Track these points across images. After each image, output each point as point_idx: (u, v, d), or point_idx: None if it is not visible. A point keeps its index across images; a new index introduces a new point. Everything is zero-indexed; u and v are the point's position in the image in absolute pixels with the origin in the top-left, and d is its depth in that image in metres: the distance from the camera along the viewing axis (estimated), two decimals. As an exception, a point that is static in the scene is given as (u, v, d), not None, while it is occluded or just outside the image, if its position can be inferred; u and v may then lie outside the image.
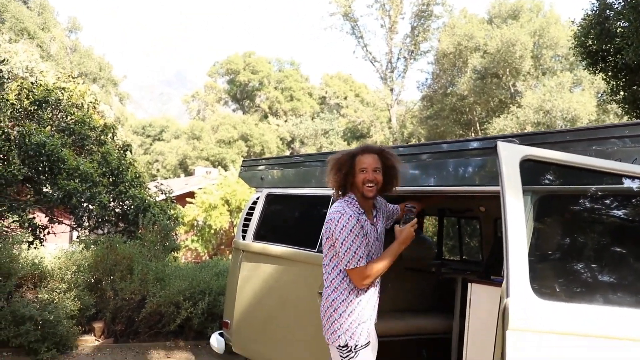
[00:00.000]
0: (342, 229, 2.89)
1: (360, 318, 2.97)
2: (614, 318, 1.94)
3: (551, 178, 2.34)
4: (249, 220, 5.41)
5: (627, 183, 2.18)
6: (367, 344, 2.99)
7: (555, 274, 2.16)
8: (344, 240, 2.88)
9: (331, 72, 51.00)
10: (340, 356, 2.96)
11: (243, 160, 6.20)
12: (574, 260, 2.24)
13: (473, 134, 30.53)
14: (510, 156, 1.91)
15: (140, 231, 8.36)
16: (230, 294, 5.31)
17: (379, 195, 3.23)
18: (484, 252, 5.55)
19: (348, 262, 2.89)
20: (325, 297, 3.07)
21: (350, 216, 2.91)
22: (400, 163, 3.25)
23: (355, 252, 2.88)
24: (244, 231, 5.41)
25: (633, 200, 2.30)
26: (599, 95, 27.42)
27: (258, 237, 5.16)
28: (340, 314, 2.96)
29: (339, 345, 2.95)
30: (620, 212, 2.34)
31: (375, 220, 3.15)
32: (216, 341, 5.38)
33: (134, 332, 6.60)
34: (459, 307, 4.27)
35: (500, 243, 5.10)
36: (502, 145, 1.93)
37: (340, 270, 2.98)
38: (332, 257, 3.02)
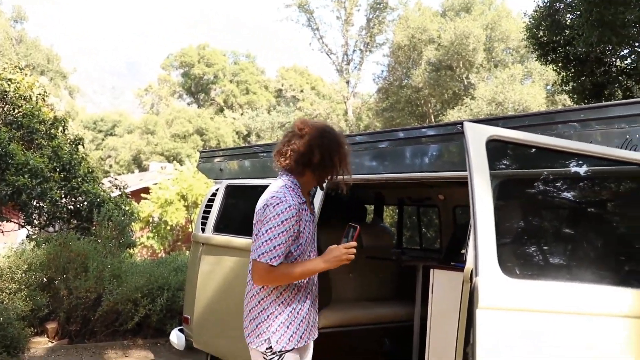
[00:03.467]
0: (274, 216, 2.42)
1: (292, 318, 2.56)
2: (579, 294, 1.99)
3: (512, 161, 2.37)
4: (208, 212, 5.32)
5: (591, 164, 2.23)
6: (295, 348, 2.57)
7: (521, 255, 2.19)
8: (270, 229, 2.41)
9: (287, 64, 50.73)
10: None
11: (201, 152, 6.09)
12: (539, 240, 2.28)
13: (428, 126, 30.94)
14: (477, 136, 1.91)
15: (94, 227, 8.11)
16: (190, 289, 5.22)
17: None
18: (443, 239, 5.62)
19: (262, 253, 2.40)
20: (250, 294, 2.60)
21: (290, 207, 2.45)
22: None
23: (274, 247, 2.41)
24: (204, 224, 5.31)
25: (595, 180, 2.35)
26: (548, 87, 28.30)
27: (218, 229, 5.08)
28: (269, 314, 2.53)
29: (264, 350, 2.52)
30: (582, 193, 2.39)
31: (312, 206, 2.81)
32: (176, 337, 5.28)
33: (89, 331, 6.41)
34: (420, 294, 4.30)
35: (459, 230, 5.19)
36: (468, 125, 1.94)
37: None
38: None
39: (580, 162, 2.34)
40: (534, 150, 2.22)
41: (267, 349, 2.51)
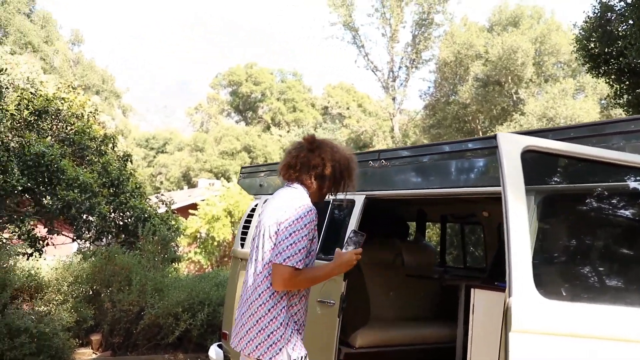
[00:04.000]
0: (296, 220, 2.44)
1: (298, 323, 2.56)
2: (624, 319, 1.82)
3: (555, 176, 2.23)
4: (248, 227, 5.31)
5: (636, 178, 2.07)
6: (306, 355, 2.55)
7: (561, 274, 2.05)
8: (293, 232, 2.42)
9: (333, 82, 51.00)
10: None
11: (242, 168, 6.12)
12: (581, 260, 2.12)
13: (476, 142, 30.34)
14: (511, 147, 1.80)
15: (140, 242, 8.27)
16: (229, 304, 5.20)
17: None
18: (488, 258, 5.43)
19: (287, 257, 2.39)
20: (257, 303, 2.50)
21: (311, 211, 2.49)
22: None
23: (299, 251, 2.41)
24: (243, 239, 5.31)
25: None
26: (602, 101, 27.36)
27: (256, 245, 5.05)
28: (281, 322, 2.46)
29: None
30: (628, 210, 2.22)
31: None
32: (215, 353, 5.26)
33: (132, 344, 6.49)
34: (462, 314, 4.14)
35: (504, 248, 5.00)
36: (501, 136, 1.83)
37: None
38: (265, 259, 2.52)
39: (629, 175, 2.18)
40: (576, 162, 2.07)
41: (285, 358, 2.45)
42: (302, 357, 2.50)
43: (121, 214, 9.26)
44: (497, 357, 2.83)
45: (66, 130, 9.62)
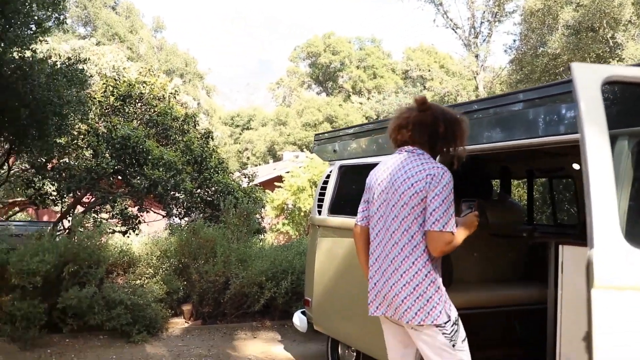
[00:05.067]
0: (445, 185, 2.48)
1: (444, 286, 2.60)
2: None
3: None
4: (324, 195, 5.24)
5: None
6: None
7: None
8: (447, 198, 2.46)
9: (413, 45, 49.66)
10: (445, 336, 2.48)
11: (315, 135, 6.03)
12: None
13: (569, 95, 28.55)
14: (589, 78, 1.54)
15: (223, 215, 8.48)
16: (310, 272, 5.19)
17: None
18: (581, 213, 5.03)
19: (445, 224, 2.43)
20: (413, 270, 2.52)
21: (450, 176, 2.54)
22: None
23: (452, 216, 2.47)
24: (319, 206, 5.25)
25: None
26: None
27: (333, 211, 4.98)
28: (438, 286, 2.52)
29: (442, 323, 2.48)
30: None
31: None
32: (299, 320, 5.30)
33: (221, 313, 6.68)
34: (553, 274, 3.85)
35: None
36: (577, 66, 1.57)
37: (423, 234, 2.51)
38: (417, 217, 2.51)
39: None
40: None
41: (446, 322, 2.49)
42: (457, 316, 2.57)
43: (206, 189, 9.54)
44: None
45: (150, 112, 9.97)
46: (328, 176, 5.36)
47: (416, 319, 2.48)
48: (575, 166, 4.99)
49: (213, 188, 9.45)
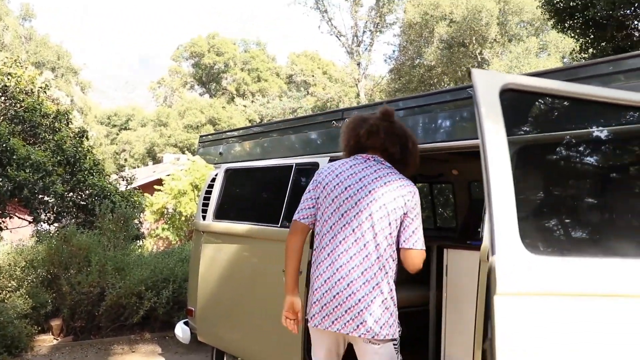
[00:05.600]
0: (419, 205, 2.56)
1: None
2: (617, 272, 1.61)
3: (535, 120, 2.00)
4: (209, 199, 5.04)
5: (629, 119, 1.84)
6: None
7: (546, 227, 1.84)
8: (419, 215, 2.53)
9: (297, 50, 50.19)
10: (395, 349, 2.53)
11: (200, 137, 5.81)
12: (567, 212, 1.91)
13: (443, 105, 30.39)
14: (488, 85, 1.56)
15: (99, 221, 7.92)
16: (193, 280, 4.97)
17: None
18: (458, 217, 5.28)
19: (421, 241, 2.51)
20: (383, 283, 2.49)
21: None
22: None
23: (422, 232, 2.55)
24: (204, 211, 5.04)
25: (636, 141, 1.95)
26: (565, 59, 27.51)
27: (218, 216, 4.80)
28: (395, 301, 2.53)
29: (394, 339, 2.51)
30: (622, 152, 2.00)
31: None
32: (181, 331, 5.04)
33: (95, 327, 6.21)
34: (435, 276, 3.98)
35: (475, 207, 4.84)
36: (477, 73, 1.58)
37: (392, 248, 2.53)
38: (393, 231, 2.50)
39: (622, 116, 1.93)
40: (559, 104, 1.83)
41: (395, 338, 2.53)
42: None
43: (80, 192, 8.87)
44: (473, 318, 2.66)
45: (15, 108, 9.09)
46: (213, 180, 5.16)
47: (382, 332, 2.45)
48: (454, 172, 5.22)
49: (87, 191, 8.81)
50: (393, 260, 2.53)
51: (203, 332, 4.69)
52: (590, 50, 10.18)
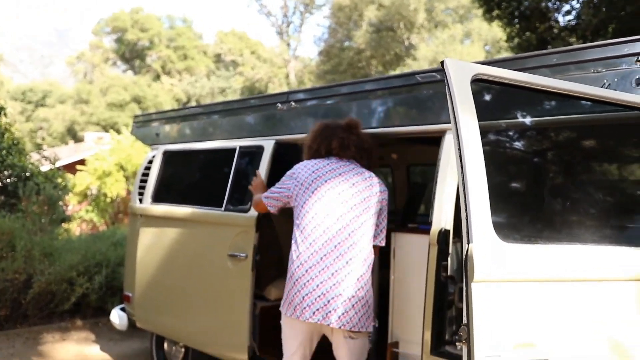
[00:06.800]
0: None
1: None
2: (587, 257, 1.72)
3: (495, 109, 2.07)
4: (145, 182, 4.89)
5: (595, 109, 1.95)
6: None
7: (515, 215, 1.93)
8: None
9: (226, 29, 49.20)
10: (370, 341, 2.77)
11: (135, 117, 5.61)
12: (534, 200, 2.01)
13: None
14: (460, 74, 1.60)
15: (22, 203, 7.49)
16: (130, 264, 4.83)
17: None
18: (397, 201, 5.40)
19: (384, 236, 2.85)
20: (367, 275, 2.67)
21: None
22: None
23: None
24: (141, 194, 4.89)
25: (602, 128, 2.08)
26: (487, 46, 28.59)
27: (157, 199, 4.67)
28: (372, 294, 2.71)
29: (373, 328, 2.76)
30: (584, 142, 2.13)
31: None
32: (117, 317, 4.90)
33: (21, 316, 5.89)
34: (377, 259, 4.07)
35: (414, 190, 4.97)
36: (450, 63, 1.62)
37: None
38: (373, 225, 2.77)
39: (584, 107, 2.05)
40: (522, 93, 1.91)
41: (374, 328, 2.79)
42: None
43: (-2, 173, 8.36)
44: (422, 300, 2.75)
45: None
46: (150, 161, 5.02)
47: (357, 326, 2.57)
48: (393, 156, 5.34)
49: (6, 172, 8.30)
50: (372, 253, 2.72)
51: (142, 318, 4.58)
52: (516, 39, 10.63)
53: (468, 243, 1.51)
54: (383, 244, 2.83)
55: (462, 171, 1.52)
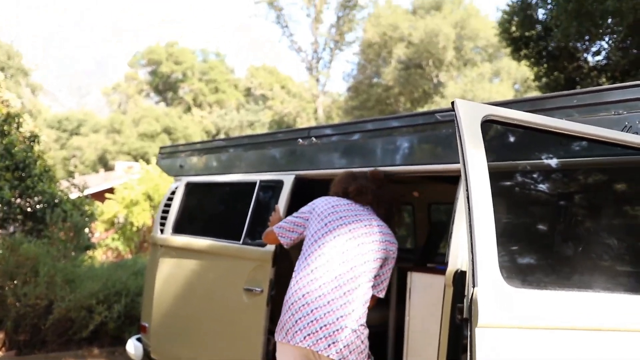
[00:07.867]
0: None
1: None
2: (596, 306, 1.66)
3: (507, 151, 2.05)
4: (167, 212, 4.94)
5: (611, 153, 1.90)
6: None
7: (524, 259, 1.88)
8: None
9: (257, 63, 50.13)
10: None
11: (161, 148, 5.71)
12: (542, 244, 1.97)
13: (399, 124, 30.87)
14: (471, 115, 1.59)
15: (49, 230, 7.63)
16: (148, 294, 4.84)
17: None
18: (418, 239, 5.34)
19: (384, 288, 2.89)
20: (361, 317, 2.69)
21: None
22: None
23: None
24: (162, 224, 4.94)
25: (618, 173, 2.03)
26: (516, 85, 28.50)
27: (177, 230, 4.71)
28: (367, 330, 2.73)
29: None
30: (599, 187, 2.08)
31: None
32: (133, 347, 4.89)
33: (40, 341, 5.94)
34: (395, 297, 4.01)
35: (434, 229, 4.91)
36: (460, 103, 1.62)
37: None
38: (376, 268, 2.81)
39: (598, 150, 2.00)
40: (530, 136, 1.88)
41: None
42: None
43: (28, 199, 8.55)
44: (436, 341, 2.69)
45: (-40, 108, 8.72)
46: (173, 192, 5.08)
47: (350, 358, 2.56)
48: (415, 194, 5.29)
49: (36, 198, 8.49)
50: (369, 291, 2.72)
51: (157, 350, 4.56)
52: (544, 79, 10.58)
53: (473, 286, 1.48)
54: (382, 295, 2.86)
55: (469, 212, 1.50)
